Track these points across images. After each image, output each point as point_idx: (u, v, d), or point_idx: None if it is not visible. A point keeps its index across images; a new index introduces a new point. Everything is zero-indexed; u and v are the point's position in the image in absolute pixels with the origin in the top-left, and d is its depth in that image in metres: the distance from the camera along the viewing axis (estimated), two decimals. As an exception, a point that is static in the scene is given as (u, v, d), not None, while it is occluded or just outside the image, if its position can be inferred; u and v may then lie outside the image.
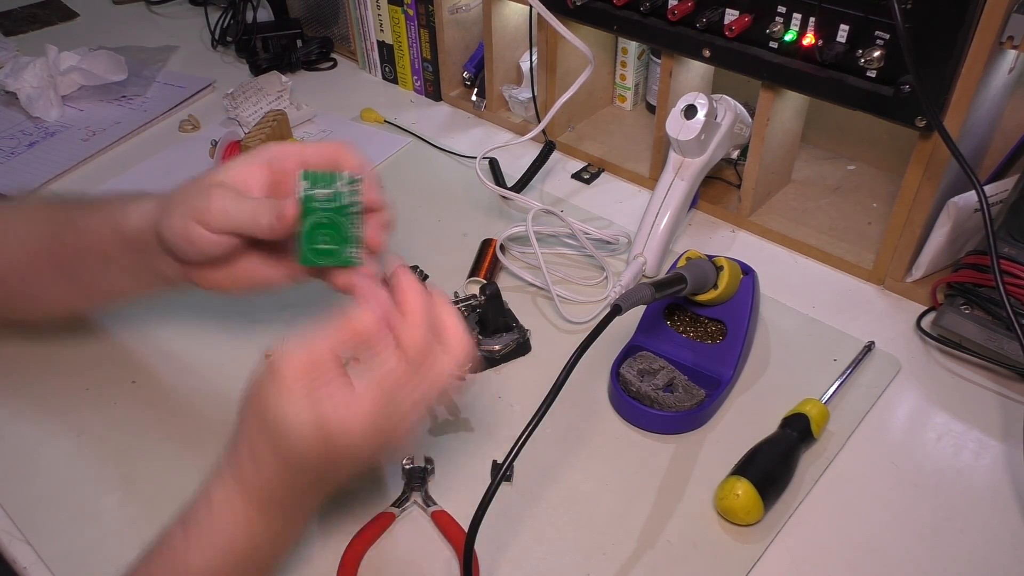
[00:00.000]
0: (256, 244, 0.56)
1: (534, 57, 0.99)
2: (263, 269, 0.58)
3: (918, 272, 0.79)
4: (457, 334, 0.50)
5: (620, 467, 0.65)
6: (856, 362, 0.72)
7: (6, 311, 0.70)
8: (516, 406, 0.70)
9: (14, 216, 0.67)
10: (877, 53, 0.69)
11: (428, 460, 0.65)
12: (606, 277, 0.83)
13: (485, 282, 0.79)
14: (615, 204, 0.94)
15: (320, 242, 0.51)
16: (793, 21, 0.74)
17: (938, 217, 0.76)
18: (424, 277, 0.81)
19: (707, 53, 0.81)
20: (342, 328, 0.48)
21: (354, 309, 0.48)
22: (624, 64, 1.05)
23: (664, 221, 0.82)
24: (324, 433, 0.46)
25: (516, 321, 0.76)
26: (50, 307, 0.69)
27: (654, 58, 1.03)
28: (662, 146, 0.92)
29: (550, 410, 0.55)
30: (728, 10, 0.78)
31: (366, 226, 0.53)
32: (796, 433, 0.64)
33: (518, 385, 0.72)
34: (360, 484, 0.64)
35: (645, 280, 0.83)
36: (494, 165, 0.98)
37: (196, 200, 0.54)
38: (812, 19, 0.73)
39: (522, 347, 0.75)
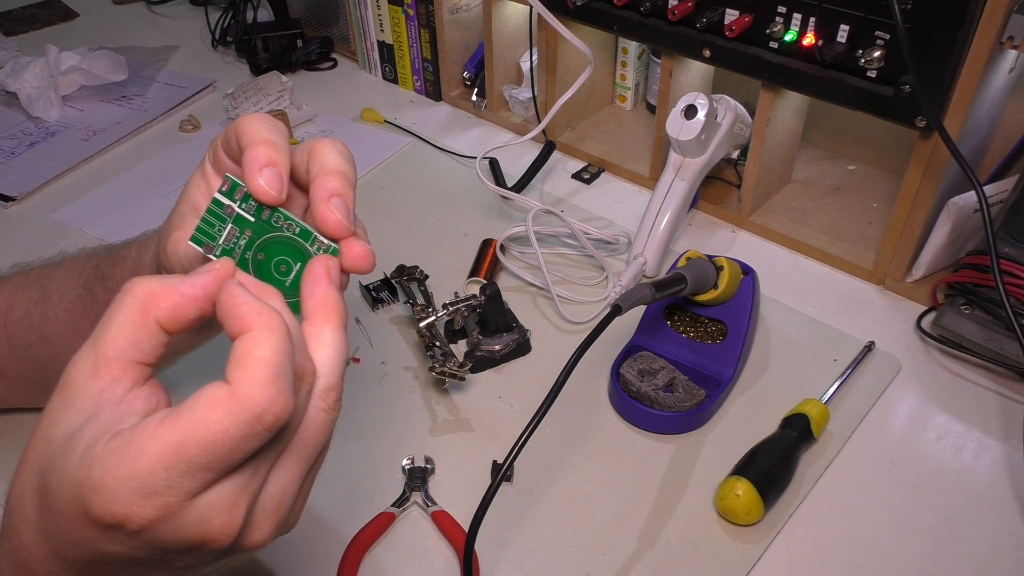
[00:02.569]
0: None
1: (534, 57, 0.99)
2: None
3: (918, 272, 0.79)
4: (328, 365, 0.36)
5: (620, 467, 0.65)
6: (856, 362, 0.72)
7: None
8: (516, 406, 0.70)
9: (57, 276, 0.59)
10: (877, 53, 0.69)
11: (428, 460, 0.65)
12: (606, 277, 0.83)
13: (485, 282, 0.79)
14: (615, 204, 0.94)
15: (280, 272, 0.40)
16: (793, 21, 0.74)
17: (938, 217, 0.76)
18: (424, 277, 0.81)
19: (707, 53, 0.81)
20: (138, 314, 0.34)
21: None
22: (624, 64, 1.05)
23: (664, 221, 0.82)
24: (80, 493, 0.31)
25: (516, 321, 0.76)
26: None
27: (654, 58, 1.03)
28: (662, 146, 0.92)
29: (550, 410, 0.55)
30: (728, 10, 0.78)
31: (311, 204, 0.40)
32: (796, 433, 0.64)
33: (518, 385, 0.72)
34: (360, 484, 0.64)
35: (645, 280, 0.83)
36: (494, 165, 0.98)
37: (160, 253, 0.46)
38: (812, 19, 0.73)
39: (522, 347, 0.75)
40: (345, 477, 0.65)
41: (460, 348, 0.76)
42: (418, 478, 0.64)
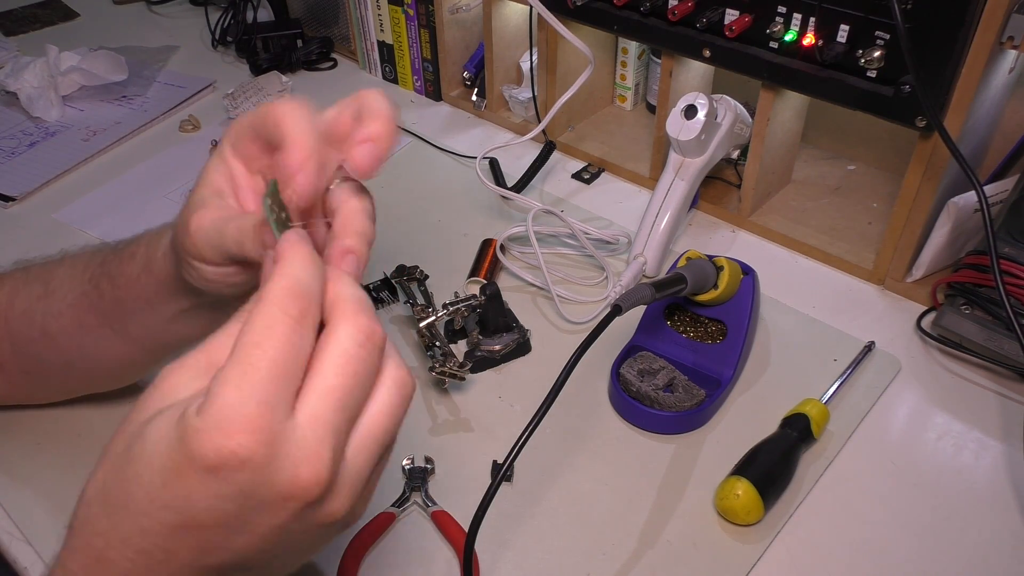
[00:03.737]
0: None
1: (534, 57, 0.99)
2: None
3: (918, 272, 0.79)
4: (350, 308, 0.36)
5: (620, 467, 0.65)
6: (856, 362, 0.72)
7: (70, 380, 0.65)
8: (516, 406, 0.70)
9: (60, 272, 0.60)
10: (877, 53, 0.69)
11: (428, 460, 0.65)
12: (606, 277, 0.83)
13: (485, 282, 0.79)
14: (615, 204, 0.94)
15: None
16: (793, 21, 0.74)
17: (938, 217, 0.76)
18: (424, 277, 0.81)
19: (707, 53, 0.81)
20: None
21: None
22: (624, 64, 1.05)
23: (664, 221, 0.82)
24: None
25: (516, 321, 0.76)
26: (108, 366, 0.62)
27: (654, 58, 1.03)
28: (662, 146, 0.92)
29: (550, 410, 0.55)
30: (728, 10, 0.78)
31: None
32: (796, 433, 0.64)
33: (518, 385, 0.72)
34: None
35: (645, 280, 0.83)
36: (494, 165, 0.98)
37: (181, 234, 0.46)
38: (812, 19, 0.73)
39: (522, 347, 0.75)
40: (345, 477, 0.65)
41: (460, 348, 0.76)
42: (418, 478, 0.64)
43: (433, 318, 0.72)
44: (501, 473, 0.53)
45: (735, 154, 0.91)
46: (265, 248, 0.40)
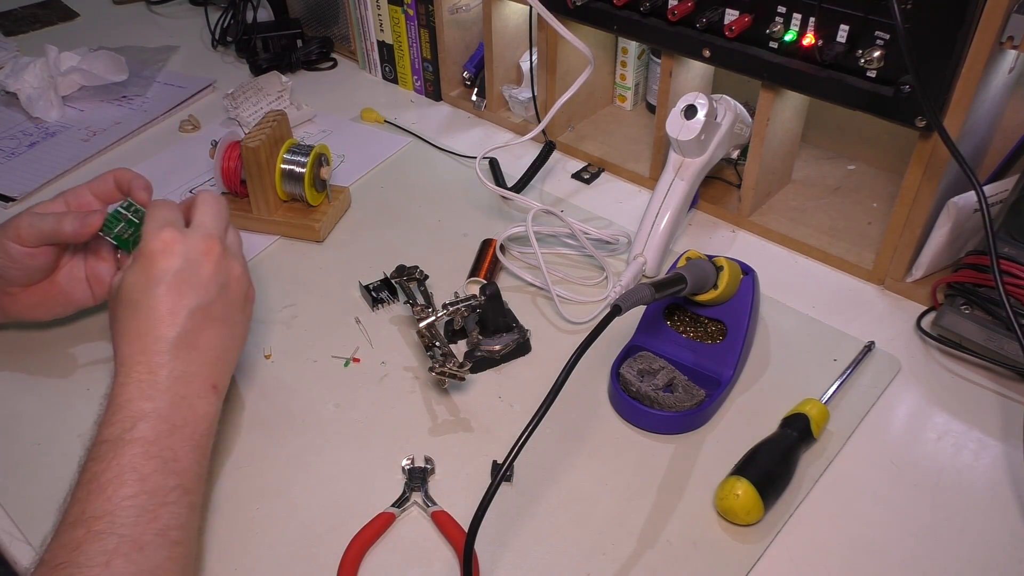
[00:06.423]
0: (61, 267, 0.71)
1: (534, 57, 0.99)
2: (70, 287, 0.72)
3: (918, 272, 0.79)
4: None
5: (620, 467, 0.65)
6: (856, 362, 0.72)
7: None
8: (516, 406, 0.70)
9: None
10: (877, 53, 0.69)
11: (428, 460, 0.65)
12: (606, 277, 0.83)
13: (485, 282, 0.79)
14: (615, 204, 0.94)
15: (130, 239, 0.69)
16: (793, 21, 0.74)
17: (938, 217, 0.76)
18: (424, 277, 0.81)
19: (707, 53, 0.81)
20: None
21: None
22: (624, 64, 1.05)
23: (664, 221, 0.82)
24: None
25: (516, 321, 0.76)
26: None
27: (654, 58, 1.03)
28: (662, 146, 0.92)
29: (550, 410, 0.55)
30: (728, 10, 0.78)
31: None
32: (796, 433, 0.64)
33: (518, 385, 0.72)
34: (360, 484, 0.64)
35: (645, 280, 0.83)
36: (494, 165, 0.98)
37: (4, 229, 0.67)
38: (812, 19, 0.73)
39: (522, 347, 0.75)
40: (345, 477, 0.65)
41: (460, 348, 0.76)
42: (418, 478, 0.64)
43: (433, 318, 0.72)
44: (501, 473, 0.53)
45: (735, 154, 0.91)
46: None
